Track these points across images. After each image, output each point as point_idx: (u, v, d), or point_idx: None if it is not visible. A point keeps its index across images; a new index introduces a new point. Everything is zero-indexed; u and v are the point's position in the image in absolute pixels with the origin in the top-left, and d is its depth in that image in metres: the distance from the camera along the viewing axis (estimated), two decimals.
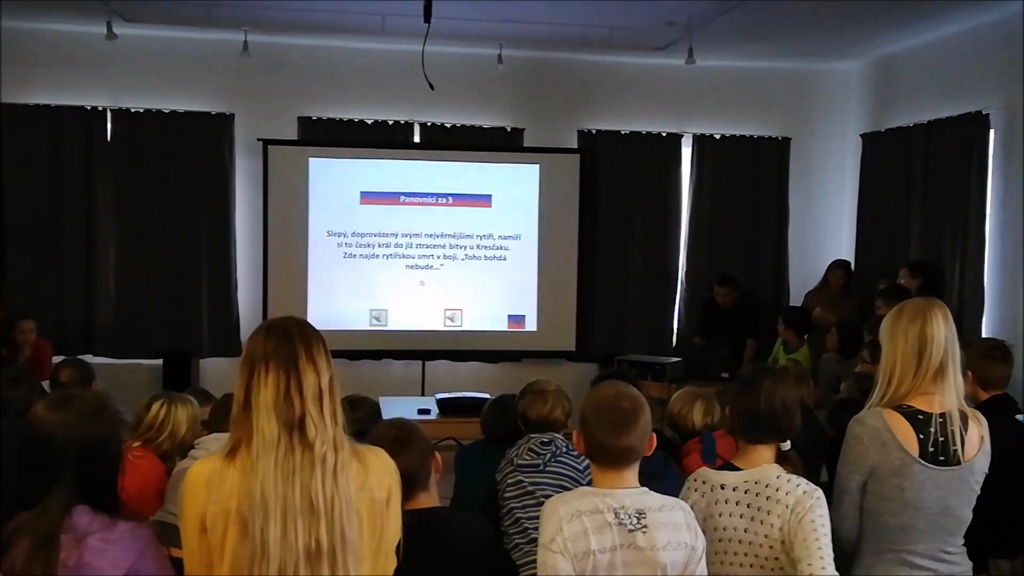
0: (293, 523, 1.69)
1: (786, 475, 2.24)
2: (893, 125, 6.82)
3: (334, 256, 6.91)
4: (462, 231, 7.03)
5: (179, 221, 6.94)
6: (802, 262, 7.54)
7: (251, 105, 6.99)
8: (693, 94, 7.43)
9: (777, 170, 7.54)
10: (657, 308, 7.51)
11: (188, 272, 6.97)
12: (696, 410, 3.47)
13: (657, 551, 2.03)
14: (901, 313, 2.39)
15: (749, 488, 2.25)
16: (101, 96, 6.82)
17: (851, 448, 2.35)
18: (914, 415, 2.32)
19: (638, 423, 2.10)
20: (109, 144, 6.85)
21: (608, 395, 2.15)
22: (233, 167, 7.00)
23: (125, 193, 6.86)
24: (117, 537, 1.77)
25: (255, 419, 1.73)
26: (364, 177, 6.94)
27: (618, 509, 2.05)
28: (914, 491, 2.29)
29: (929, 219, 6.27)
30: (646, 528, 2.03)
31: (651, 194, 7.45)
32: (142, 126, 6.86)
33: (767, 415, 2.30)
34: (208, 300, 7.01)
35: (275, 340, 1.78)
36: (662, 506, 2.09)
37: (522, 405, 3.21)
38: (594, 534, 2.02)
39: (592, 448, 2.13)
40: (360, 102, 7.13)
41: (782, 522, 2.17)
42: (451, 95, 6.84)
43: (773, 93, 7.55)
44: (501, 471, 3.09)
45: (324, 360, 1.80)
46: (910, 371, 2.32)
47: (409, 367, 7.13)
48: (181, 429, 3.14)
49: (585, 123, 7.39)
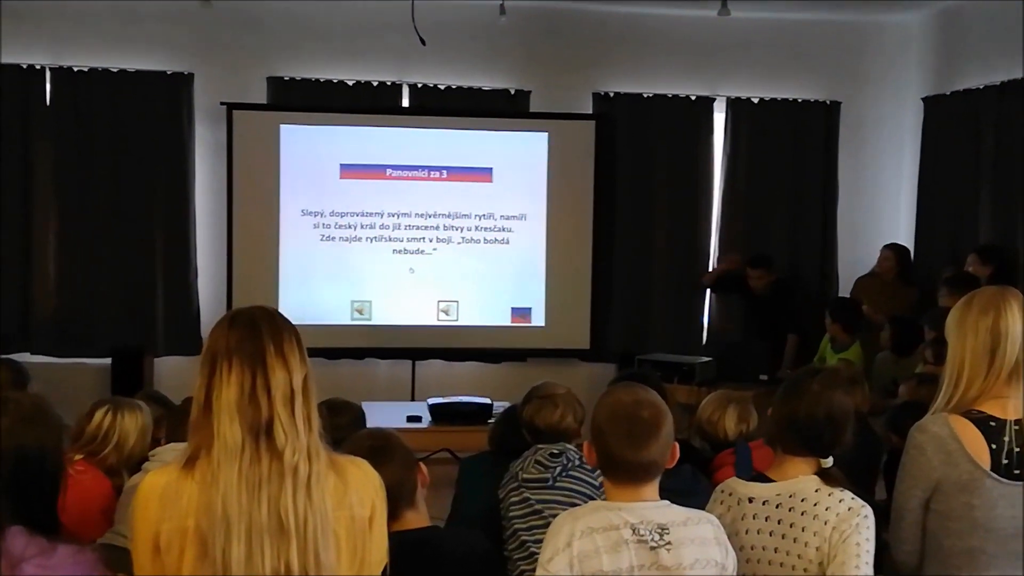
0: (259, 544, 1.70)
1: (827, 488, 2.25)
2: (960, 87, 6.79)
3: (310, 239, 6.91)
4: (458, 210, 7.03)
5: (130, 198, 6.93)
6: (853, 245, 7.54)
7: (213, 64, 6.97)
8: (727, 51, 7.41)
9: (824, 139, 7.53)
10: (684, 300, 7.51)
11: (141, 257, 6.97)
12: (729, 417, 3.47)
13: (684, 570, 2.04)
14: (971, 304, 2.39)
15: (782, 502, 2.26)
16: (39, 53, 6.81)
17: (912, 460, 2.35)
18: (985, 422, 2.32)
19: (659, 435, 2.11)
20: (48, 108, 6.84)
21: (625, 402, 2.16)
22: (192, 135, 6.99)
23: (67, 165, 6.85)
24: (57, 563, 1.77)
25: (216, 423, 1.74)
26: (344, 147, 6.93)
27: (636, 524, 2.06)
28: (985, 510, 2.29)
29: (1001, 196, 6.24)
30: (670, 545, 2.05)
31: (678, 167, 7.44)
32: (87, 87, 6.84)
33: (807, 424, 2.31)
34: (164, 290, 7.01)
35: (240, 332, 1.79)
36: (687, 520, 2.10)
37: (528, 412, 3.22)
38: (607, 553, 2.04)
39: (606, 461, 2.14)
40: (340, 60, 7.11)
41: (820, 541, 2.19)
42: (445, 52, 6.82)
43: (820, 50, 7.52)
44: (504, 487, 3.10)
45: (297, 356, 1.81)
46: (981, 371, 2.33)
47: (397, 367, 7.14)
48: (129, 440, 3.15)
49: (601, 84, 7.37)
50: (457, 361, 7.23)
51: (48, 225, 6.87)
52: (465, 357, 7.21)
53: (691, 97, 7.43)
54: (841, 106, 7.55)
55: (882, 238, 7.26)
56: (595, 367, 7.11)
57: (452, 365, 7.23)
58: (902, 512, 2.38)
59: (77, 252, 6.91)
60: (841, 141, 7.56)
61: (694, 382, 6.26)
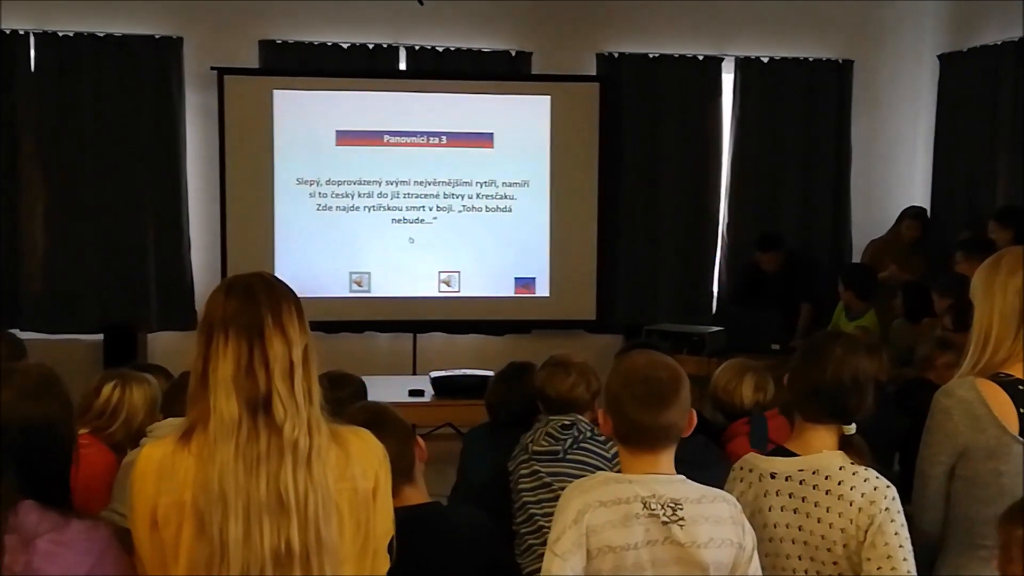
0: (258, 522, 1.71)
1: (851, 466, 2.24)
2: (977, 43, 6.76)
3: (306, 208, 6.89)
4: (459, 177, 7.00)
5: (119, 168, 6.89)
6: (867, 209, 7.53)
7: (203, 27, 6.92)
8: (735, 8, 7.36)
9: (837, 100, 7.49)
10: (693, 268, 7.50)
11: (131, 229, 6.94)
12: (746, 385, 3.48)
13: (699, 548, 2.03)
14: (999, 264, 2.38)
15: (805, 478, 2.25)
16: (22, 17, 6.75)
17: (938, 425, 2.34)
18: (1014, 385, 2.31)
19: (678, 396, 2.10)
20: (33, 74, 6.79)
21: (641, 364, 2.15)
22: (183, 102, 6.95)
23: (53, 134, 6.81)
24: (71, 539, 1.75)
25: (212, 397, 1.74)
26: (340, 113, 6.89)
27: (647, 498, 2.05)
28: (1012, 476, 2.28)
29: (1020, 157, 6.22)
30: (683, 521, 2.04)
31: (685, 131, 7.41)
32: (72, 53, 6.79)
33: (832, 389, 2.28)
34: (156, 263, 7.00)
35: (236, 302, 1.79)
36: (702, 497, 2.09)
37: (540, 379, 3.22)
38: (617, 527, 2.02)
39: (624, 428, 2.12)
40: (334, 22, 7.06)
41: (845, 523, 2.18)
42: (444, 12, 6.78)
43: (831, 6, 7.46)
44: (514, 459, 3.10)
45: (296, 326, 1.80)
46: (1010, 332, 2.32)
47: (397, 340, 7.13)
48: (138, 415, 3.14)
49: (606, 45, 7.33)
50: (459, 334, 7.23)
51: (35, 196, 6.84)
52: (467, 329, 7.21)
53: (699, 57, 7.38)
54: (854, 65, 7.50)
55: (897, 202, 7.25)
56: (601, 338, 7.11)
57: (454, 338, 7.23)
58: (926, 479, 2.37)
59: (65, 224, 6.88)
60: (854, 101, 7.53)
61: (704, 353, 6.22)
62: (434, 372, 5.87)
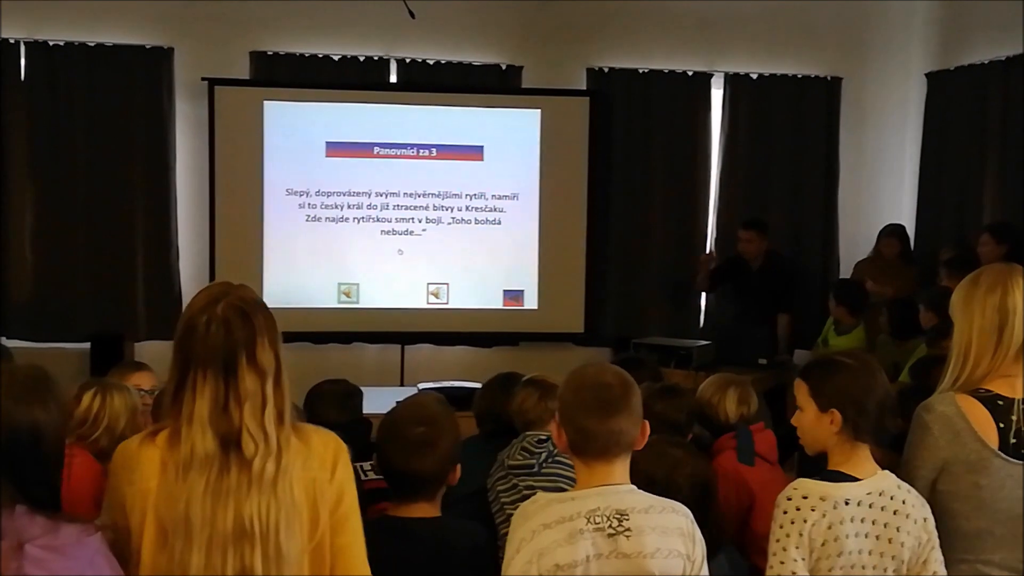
0: (220, 553, 1.77)
1: (904, 484, 2.30)
2: (964, 62, 6.80)
3: (295, 219, 6.89)
4: (448, 189, 7.02)
5: (109, 177, 6.89)
6: (855, 225, 7.56)
7: (194, 37, 6.92)
8: (725, 24, 7.40)
9: (826, 117, 7.53)
10: (681, 282, 7.51)
11: (120, 238, 6.93)
12: (729, 399, 3.50)
13: (646, 559, 2.03)
14: (978, 281, 2.42)
15: (873, 502, 2.27)
16: (12, 26, 6.75)
17: (919, 439, 2.38)
18: (993, 401, 2.34)
19: (628, 403, 2.11)
20: (23, 84, 6.79)
21: (590, 373, 2.18)
22: (173, 112, 6.95)
23: (43, 143, 6.80)
24: (61, 544, 1.74)
25: (192, 432, 1.81)
26: (330, 124, 6.91)
27: (591, 512, 2.05)
28: (992, 490, 2.32)
29: (1006, 174, 6.26)
30: (629, 532, 2.04)
31: (675, 145, 7.44)
32: (63, 62, 6.80)
33: (884, 408, 2.31)
34: (144, 272, 6.99)
35: (215, 338, 1.83)
36: (650, 507, 2.09)
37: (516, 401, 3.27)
38: (563, 546, 2.03)
39: (575, 437, 2.12)
40: (325, 34, 7.08)
41: (913, 541, 2.24)
42: (435, 25, 6.80)
43: (820, 23, 7.51)
44: (492, 475, 3.13)
45: (270, 355, 1.86)
46: (988, 349, 2.35)
47: (385, 352, 7.14)
48: (119, 422, 3.15)
49: (596, 59, 7.36)
50: (447, 345, 7.23)
51: (24, 205, 6.82)
52: (456, 341, 7.21)
53: (688, 73, 7.42)
54: (843, 82, 7.55)
55: (884, 218, 7.27)
56: (589, 351, 7.13)
57: (442, 349, 7.24)
58: None
59: (54, 233, 6.86)
60: (842, 118, 7.57)
61: (692, 366, 6.23)
62: (422, 383, 5.87)
